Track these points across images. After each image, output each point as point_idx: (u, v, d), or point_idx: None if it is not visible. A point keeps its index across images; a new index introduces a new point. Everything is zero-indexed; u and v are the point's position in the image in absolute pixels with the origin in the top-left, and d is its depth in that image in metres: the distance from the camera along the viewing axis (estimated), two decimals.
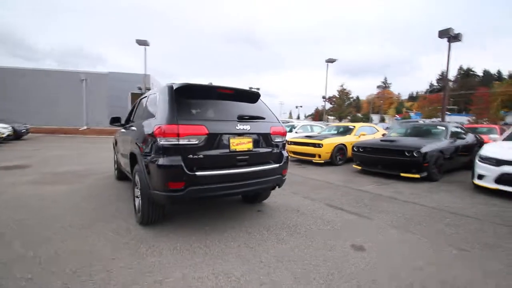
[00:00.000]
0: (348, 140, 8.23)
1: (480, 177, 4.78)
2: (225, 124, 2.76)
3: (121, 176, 5.16)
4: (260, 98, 3.33)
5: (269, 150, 3.08)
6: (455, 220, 3.39)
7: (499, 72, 75.94)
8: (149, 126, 2.72)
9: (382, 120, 57.76)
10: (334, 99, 49.89)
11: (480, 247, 2.66)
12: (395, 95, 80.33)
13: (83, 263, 2.18)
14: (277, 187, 3.24)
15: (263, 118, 3.11)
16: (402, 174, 5.76)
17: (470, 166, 7.19)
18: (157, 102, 2.87)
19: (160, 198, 2.58)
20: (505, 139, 5.54)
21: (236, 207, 3.74)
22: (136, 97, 26.30)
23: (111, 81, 23.95)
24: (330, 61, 23.37)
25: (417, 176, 5.59)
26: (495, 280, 2.07)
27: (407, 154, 5.69)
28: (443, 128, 6.77)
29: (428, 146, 5.68)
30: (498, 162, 4.52)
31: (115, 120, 4.63)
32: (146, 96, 3.66)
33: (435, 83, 79.72)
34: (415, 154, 5.57)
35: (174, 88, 2.78)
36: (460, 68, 76.96)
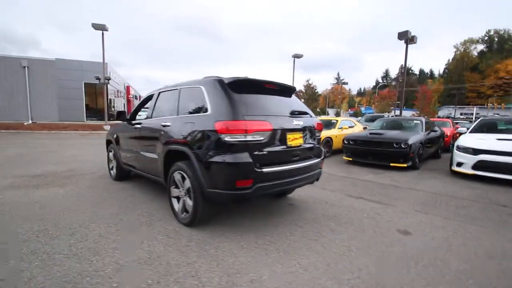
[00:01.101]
0: (333, 133, 8.70)
1: (459, 164, 5.54)
2: (283, 120, 2.74)
3: (122, 176, 4.73)
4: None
5: (313, 144, 3.15)
6: (458, 203, 3.91)
7: (431, 71, 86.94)
8: (204, 122, 2.56)
9: (338, 114, 61.76)
10: (301, 94, 51.85)
11: (493, 223, 3.14)
12: (346, 90, 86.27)
13: (160, 272, 2.01)
14: (316, 181, 3.33)
15: (308, 113, 3.17)
16: (391, 164, 6.35)
17: (436, 155, 8.30)
18: (205, 97, 2.70)
19: (222, 198, 2.47)
20: (471, 131, 6.46)
21: (265, 202, 3.74)
22: (91, 88, 23.71)
23: (60, 70, 20.96)
24: (297, 56, 24.05)
25: (404, 165, 6.22)
26: None
27: (395, 145, 6.29)
28: (419, 122, 7.60)
29: (413, 138, 6.34)
30: (475, 151, 5.29)
31: (121, 115, 4.20)
32: (171, 90, 3.39)
33: (380, 80, 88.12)
34: (402, 146, 6.19)
35: (226, 82, 2.66)
36: (401, 67, 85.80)
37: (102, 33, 16.30)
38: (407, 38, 14.88)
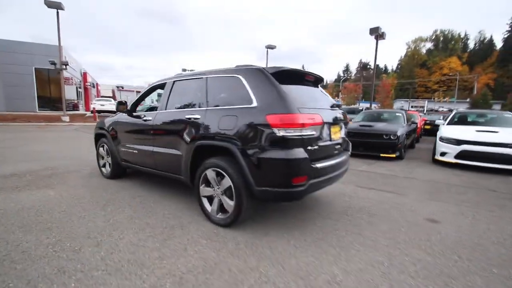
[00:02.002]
0: None
1: (443, 154, 6.04)
2: (327, 113, 2.65)
3: (117, 173, 4.26)
4: None
5: (345, 138, 3.13)
6: (455, 189, 4.25)
7: (385, 67, 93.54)
8: (251, 115, 2.35)
9: None
10: None
11: (496, 208, 3.47)
12: None
13: (229, 281, 1.82)
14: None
15: (340, 106, 3.13)
16: (381, 155, 6.69)
17: (412, 146, 8.97)
18: (246, 87, 2.48)
19: (276, 196, 2.32)
20: (448, 123, 7.07)
21: None
22: (42, 74, 20.78)
23: (3, 53, 18.05)
24: (270, 47, 23.92)
25: (393, 155, 6.60)
26: None
27: (385, 137, 6.63)
28: (401, 114, 8.10)
29: (400, 130, 6.74)
30: (458, 142, 5.81)
31: (121, 105, 3.72)
32: (193, 79, 3.07)
33: (341, 74, 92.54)
34: (392, 137, 6.55)
35: (270, 72, 2.48)
36: (360, 62, 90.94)
37: (57, 12, 14.35)
38: (377, 34, 15.68)
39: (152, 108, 4.25)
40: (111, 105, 20.66)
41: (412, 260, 2.16)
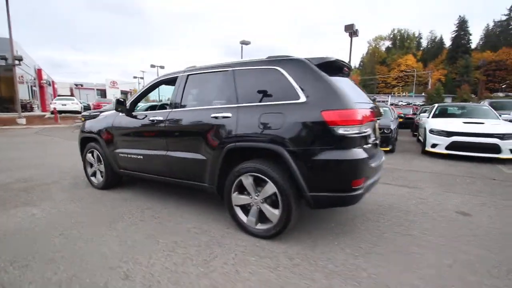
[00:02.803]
0: None
1: (434, 145, 6.29)
2: (371, 107, 2.45)
3: (112, 183, 3.70)
4: None
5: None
6: (462, 180, 4.39)
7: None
8: (301, 112, 2.06)
9: None
10: None
11: (508, 196, 3.60)
12: None
13: None
14: None
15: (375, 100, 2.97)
16: None
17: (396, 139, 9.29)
18: (289, 80, 2.19)
19: (329, 201, 2.08)
20: (433, 116, 7.40)
21: None
22: None
23: None
24: (244, 43, 23.55)
25: (387, 149, 6.73)
26: None
27: (380, 131, 6.74)
28: (388, 109, 8.34)
29: (392, 124, 6.90)
30: (449, 134, 6.07)
31: (121, 105, 3.18)
32: (215, 72, 2.69)
33: None
34: (386, 131, 6.66)
35: (315, 63, 2.21)
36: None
37: (7, 2, 12.53)
38: (351, 31, 16.14)
39: (151, 107, 3.73)
40: (74, 105, 18.81)
41: (475, 258, 2.07)
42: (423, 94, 58.10)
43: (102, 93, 47.96)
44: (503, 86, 55.91)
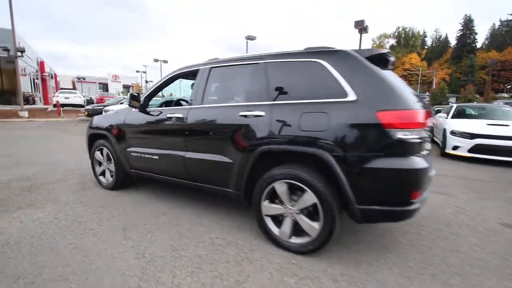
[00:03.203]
0: None
1: (455, 147, 6.00)
2: (427, 107, 2.17)
3: (122, 183, 3.44)
4: None
5: None
6: (493, 186, 4.11)
7: None
8: (350, 112, 1.79)
9: None
10: None
11: None
12: None
13: None
14: None
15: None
16: None
17: None
18: (334, 75, 1.91)
19: (381, 215, 1.81)
20: (452, 117, 7.09)
21: None
22: None
23: None
24: (250, 38, 23.15)
25: None
26: None
27: None
28: None
29: None
30: (472, 136, 5.77)
31: (135, 100, 2.91)
32: (243, 64, 2.40)
33: None
34: None
35: (365, 56, 1.93)
36: None
37: None
38: (361, 27, 15.74)
39: (167, 103, 3.45)
40: (76, 98, 18.53)
41: None
42: (427, 93, 57.77)
43: (104, 86, 47.66)
44: (508, 87, 55.35)
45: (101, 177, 3.61)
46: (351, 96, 1.83)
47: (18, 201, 3.04)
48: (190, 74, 2.80)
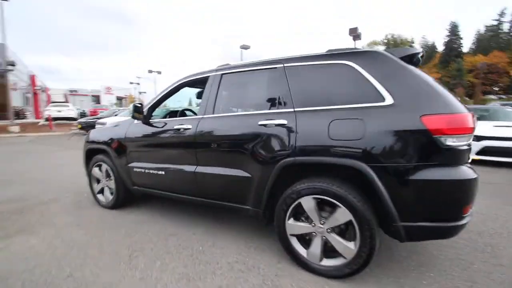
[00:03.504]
0: None
1: None
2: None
3: (123, 201, 3.17)
4: None
5: None
6: (509, 189, 3.96)
7: None
8: (389, 117, 1.60)
9: None
10: None
11: None
12: None
13: None
14: None
15: None
16: None
17: None
18: (367, 78, 1.72)
19: (428, 233, 1.61)
20: None
21: None
22: None
23: None
24: (244, 47, 23.23)
25: None
26: None
27: None
28: None
29: None
30: (479, 138, 5.67)
31: (138, 112, 2.67)
32: (258, 70, 2.21)
33: None
34: None
35: (399, 57, 1.76)
36: None
37: (1, 4, 11.95)
38: (355, 34, 15.91)
39: (171, 113, 3.22)
40: (69, 111, 18.12)
41: None
42: None
43: (96, 99, 47.10)
44: (496, 89, 56.70)
45: (99, 195, 3.33)
46: (388, 100, 1.64)
47: (8, 227, 2.73)
48: (198, 82, 2.59)
